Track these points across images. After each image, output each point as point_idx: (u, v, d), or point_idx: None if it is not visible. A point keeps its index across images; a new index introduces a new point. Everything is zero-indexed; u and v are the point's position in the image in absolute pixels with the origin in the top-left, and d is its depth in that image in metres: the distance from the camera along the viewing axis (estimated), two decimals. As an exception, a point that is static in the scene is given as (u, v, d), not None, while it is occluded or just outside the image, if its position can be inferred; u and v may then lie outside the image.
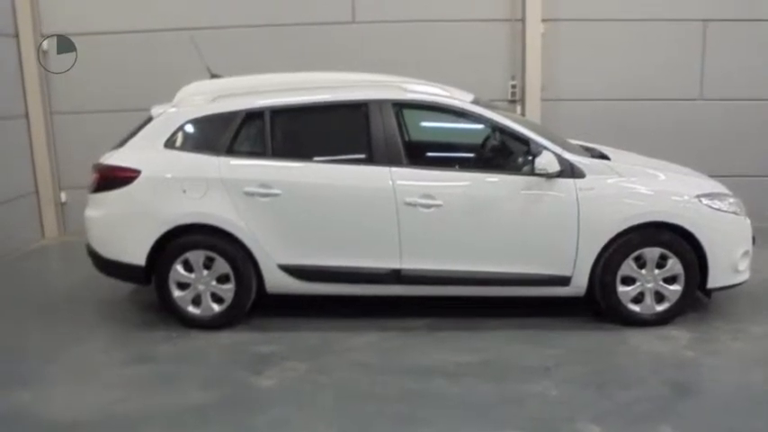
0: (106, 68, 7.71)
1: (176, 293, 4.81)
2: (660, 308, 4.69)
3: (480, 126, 4.98)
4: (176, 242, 4.74)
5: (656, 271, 4.63)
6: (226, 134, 4.77)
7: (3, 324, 5.17)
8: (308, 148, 4.91)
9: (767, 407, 3.66)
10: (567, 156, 4.64)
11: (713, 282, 4.66)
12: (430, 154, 5.54)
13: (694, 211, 4.60)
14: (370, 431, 3.51)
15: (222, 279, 4.78)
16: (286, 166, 4.73)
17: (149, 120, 4.98)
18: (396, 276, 4.70)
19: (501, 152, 5.07)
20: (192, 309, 4.84)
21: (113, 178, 4.79)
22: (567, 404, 3.71)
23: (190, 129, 4.86)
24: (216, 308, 4.83)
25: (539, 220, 4.60)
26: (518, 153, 4.77)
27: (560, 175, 4.54)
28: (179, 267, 4.76)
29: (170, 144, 4.82)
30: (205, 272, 4.77)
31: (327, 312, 5.07)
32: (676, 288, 4.65)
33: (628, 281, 4.66)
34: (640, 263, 4.63)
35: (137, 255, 4.75)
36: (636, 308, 4.69)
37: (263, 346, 4.56)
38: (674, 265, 4.61)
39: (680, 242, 4.58)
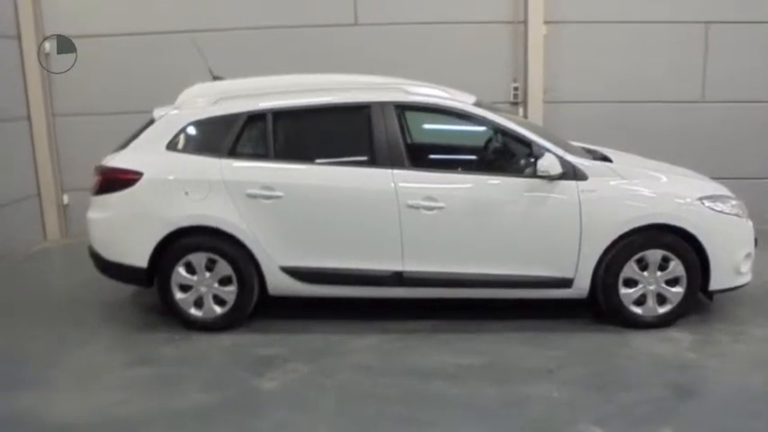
0: (108, 70, 7.71)
1: (178, 295, 4.81)
2: (662, 310, 4.69)
3: (482, 128, 4.99)
4: (178, 244, 4.74)
5: (659, 273, 4.63)
6: (228, 136, 4.77)
7: (4, 326, 5.18)
8: (311, 151, 4.92)
9: (769, 409, 3.67)
10: (569, 158, 4.64)
11: (715, 284, 4.65)
12: (432, 156, 5.53)
13: (696, 213, 4.59)
14: (371, 433, 3.52)
15: (224, 281, 4.78)
16: (288, 168, 4.74)
17: (151, 122, 4.99)
18: (398, 279, 4.70)
19: (503, 154, 5.06)
20: (194, 311, 4.84)
21: (115, 180, 4.80)
22: (568, 406, 3.71)
23: (192, 131, 4.87)
24: (218, 310, 4.83)
25: (541, 223, 4.60)
26: (520, 155, 4.77)
27: (562, 177, 4.54)
28: (181, 269, 4.77)
29: (172, 146, 4.83)
30: (207, 274, 4.77)
31: (329, 314, 5.06)
32: (678, 290, 4.64)
33: (630, 283, 4.65)
34: (642, 265, 4.63)
35: (139, 257, 4.75)
36: (638, 310, 4.69)
37: (265, 348, 4.56)
38: (676, 267, 4.60)
39: (682, 244, 4.58)
